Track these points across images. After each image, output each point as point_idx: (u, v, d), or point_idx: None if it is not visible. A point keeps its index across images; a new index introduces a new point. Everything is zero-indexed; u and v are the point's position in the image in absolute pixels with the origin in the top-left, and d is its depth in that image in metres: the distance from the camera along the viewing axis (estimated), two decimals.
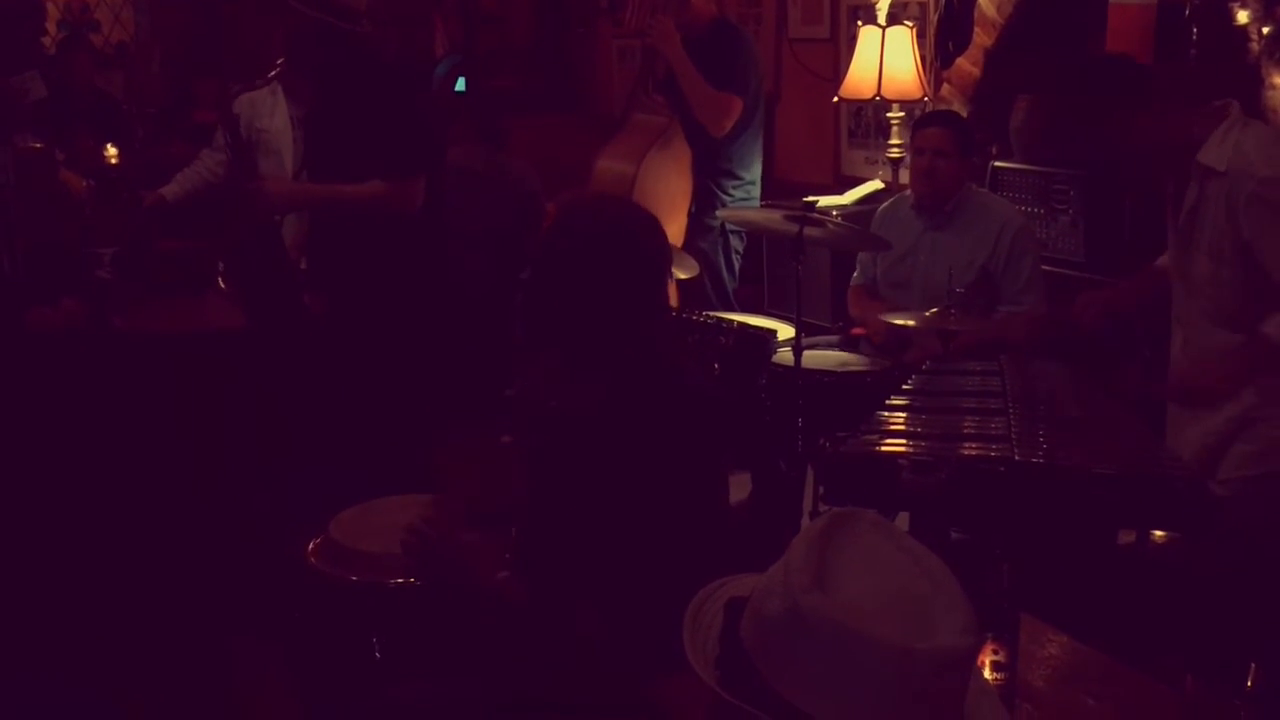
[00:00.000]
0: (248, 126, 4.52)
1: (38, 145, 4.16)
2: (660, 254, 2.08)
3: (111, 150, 5.11)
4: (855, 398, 3.46)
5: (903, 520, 3.01)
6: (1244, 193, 2.46)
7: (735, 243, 4.81)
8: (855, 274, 4.12)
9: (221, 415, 3.68)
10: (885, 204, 4.14)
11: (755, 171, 4.82)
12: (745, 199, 4.77)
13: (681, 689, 1.44)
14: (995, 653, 1.78)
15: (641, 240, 2.03)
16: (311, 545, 2.55)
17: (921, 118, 4.01)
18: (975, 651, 1.23)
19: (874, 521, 1.25)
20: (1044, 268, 3.88)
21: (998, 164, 4.45)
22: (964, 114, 4.71)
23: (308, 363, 3.59)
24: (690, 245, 4.76)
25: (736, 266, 4.86)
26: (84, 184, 4.54)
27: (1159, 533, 2.70)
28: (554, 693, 1.92)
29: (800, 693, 1.15)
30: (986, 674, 1.77)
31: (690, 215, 4.82)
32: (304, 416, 3.61)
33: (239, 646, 3.24)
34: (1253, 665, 1.62)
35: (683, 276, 4.49)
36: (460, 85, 7.62)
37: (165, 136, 6.83)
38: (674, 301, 4.67)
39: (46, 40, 6.94)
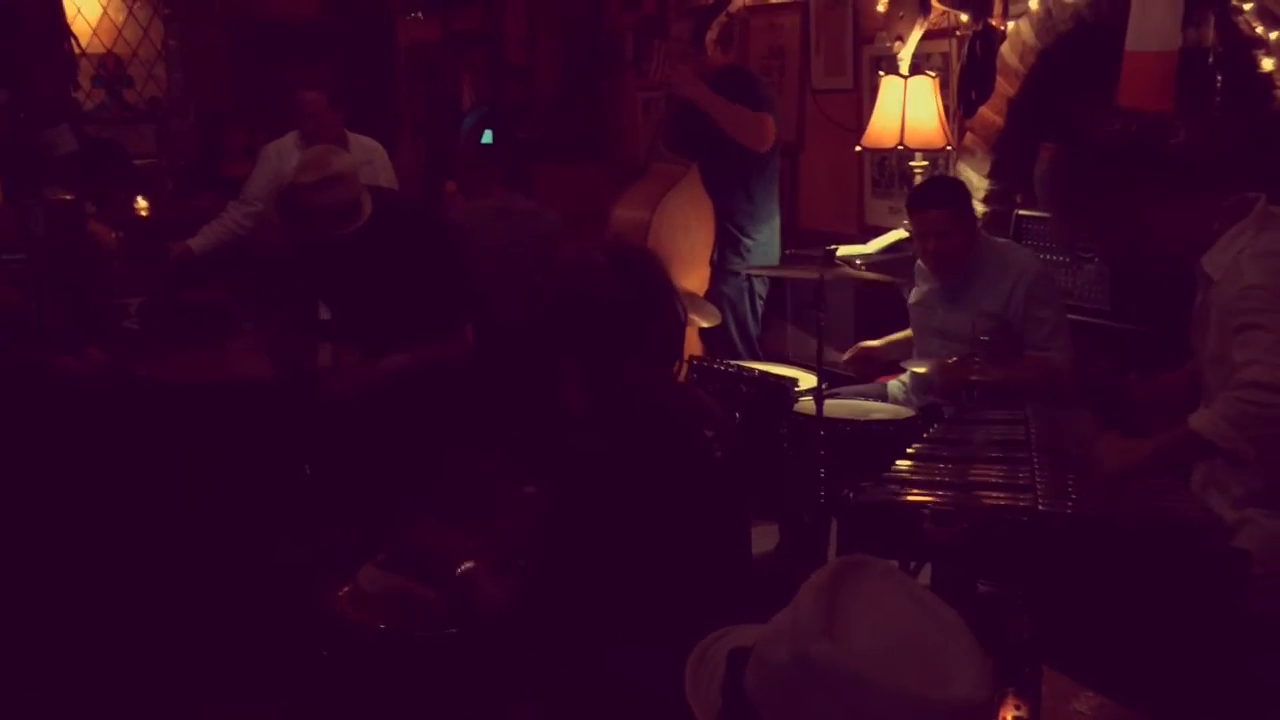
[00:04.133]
0: (276, 173, 4.57)
1: (68, 197, 4.23)
2: (656, 306, 2.07)
3: (142, 202, 5.18)
4: (878, 447, 3.43)
5: (927, 571, 2.98)
6: (1225, 299, 2.41)
7: (759, 287, 4.86)
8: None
9: (244, 464, 3.68)
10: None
11: (775, 214, 4.93)
12: (767, 243, 4.85)
13: None
14: (1017, 708, 1.74)
15: (629, 296, 2.03)
16: (340, 593, 2.54)
17: (914, 196, 3.90)
18: (991, 703, 1.19)
19: (883, 569, 1.23)
20: (1070, 316, 3.83)
21: (1021, 212, 4.43)
22: (987, 163, 4.71)
23: (336, 410, 3.60)
24: (714, 291, 4.78)
25: (760, 311, 4.90)
26: (113, 235, 4.59)
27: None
28: None
29: None
30: None
31: (712, 262, 4.84)
32: (333, 464, 3.62)
33: (264, 697, 3.21)
34: None
35: (704, 325, 4.48)
36: (487, 137, 7.70)
37: (196, 189, 6.92)
38: (696, 349, 4.66)
39: (80, 95, 7.09)
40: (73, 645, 3.28)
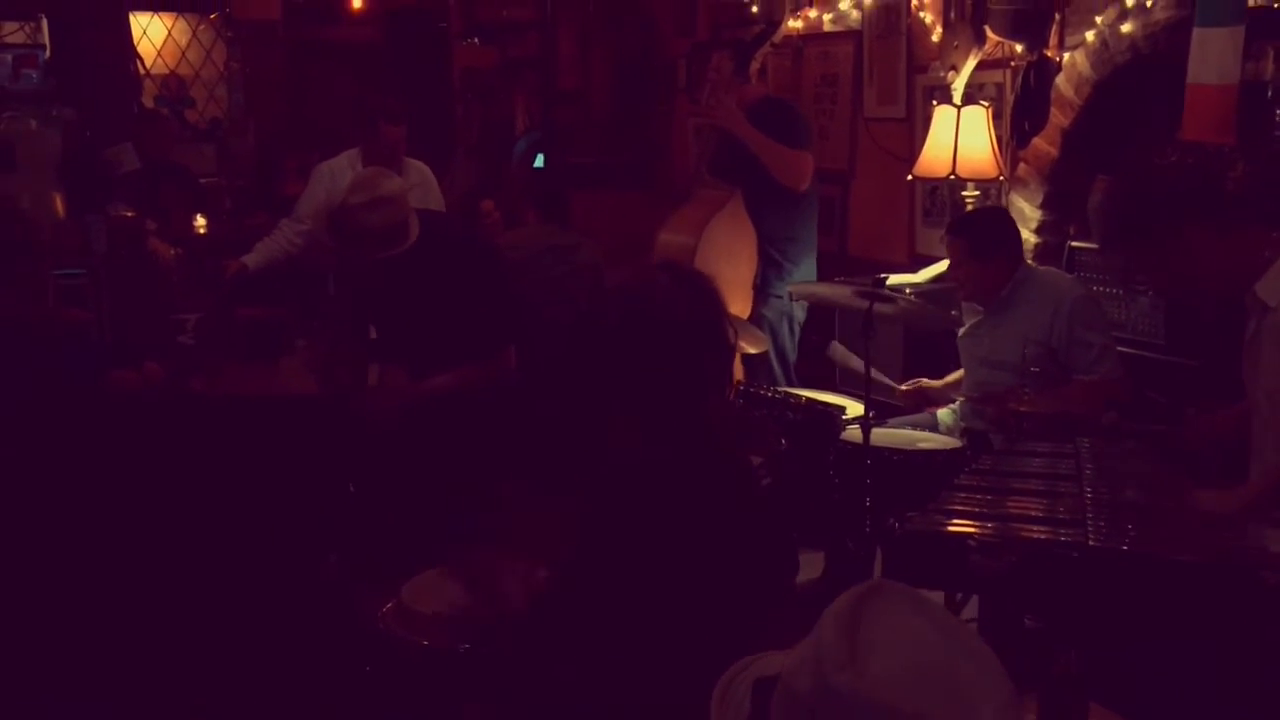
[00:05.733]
0: (329, 192, 4.64)
1: (129, 214, 4.32)
2: (714, 330, 2.07)
3: (200, 220, 5.28)
4: (925, 476, 3.40)
5: (973, 603, 2.94)
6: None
7: (798, 313, 4.84)
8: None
9: (291, 480, 3.72)
10: None
11: (814, 239, 4.92)
12: (807, 272, 4.85)
13: None
14: None
15: (678, 320, 2.04)
16: (384, 609, 2.56)
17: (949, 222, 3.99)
18: None
19: (904, 594, 1.21)
20: (1123, 349, 3.80)
21: (1075, 244, 4.40)
22: (1040, 194, 4.68)
23: (381, 429, 3.63)
24: (754, 315, 4.78)
25: (797, 336, 4.89)
26: (172, 252, 4.69)
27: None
28: None
29: None
30: None
31: (754, 286, 4.84)
32: (377, 482, 3.65)
33: (307, 712, 3.23)
34: None
35: (751, 351, 4.48)
36: (539, 161, 7.77)
37: (254, 208, 7.04)
38: (738, 374, 4.66)
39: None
40: (119, 655, 3.32)
